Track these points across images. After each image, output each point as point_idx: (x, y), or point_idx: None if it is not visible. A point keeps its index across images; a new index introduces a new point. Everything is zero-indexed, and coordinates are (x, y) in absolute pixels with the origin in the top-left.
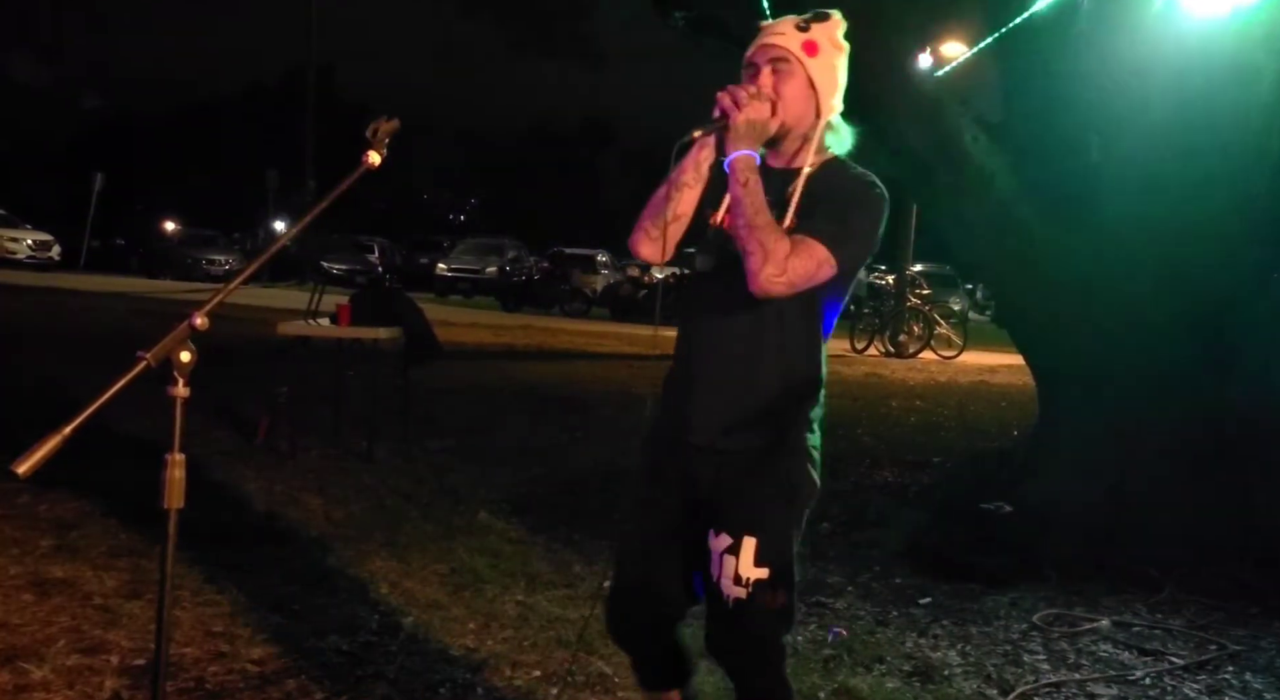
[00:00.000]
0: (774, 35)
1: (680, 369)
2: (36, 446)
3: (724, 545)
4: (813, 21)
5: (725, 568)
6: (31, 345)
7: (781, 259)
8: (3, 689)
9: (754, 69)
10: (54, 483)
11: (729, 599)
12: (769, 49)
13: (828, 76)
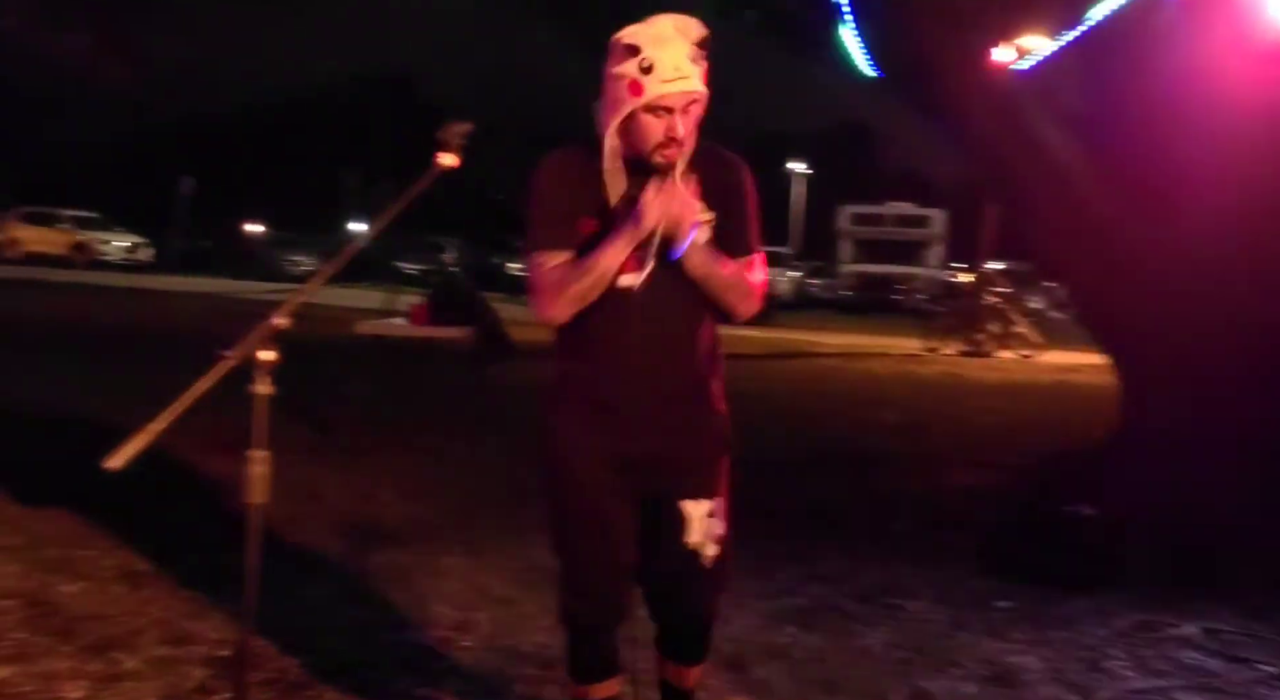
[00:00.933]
0: (684, 80)
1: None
2: (128, 442)
3: (704, 510)
4: (703, 49)
5: (710, 530)
6: (122, 344)
7: (757, 289)
8: (96, 678)
9: (667, 113)
10: (143, 477)
11: (708, 559)
12: (685, 96)
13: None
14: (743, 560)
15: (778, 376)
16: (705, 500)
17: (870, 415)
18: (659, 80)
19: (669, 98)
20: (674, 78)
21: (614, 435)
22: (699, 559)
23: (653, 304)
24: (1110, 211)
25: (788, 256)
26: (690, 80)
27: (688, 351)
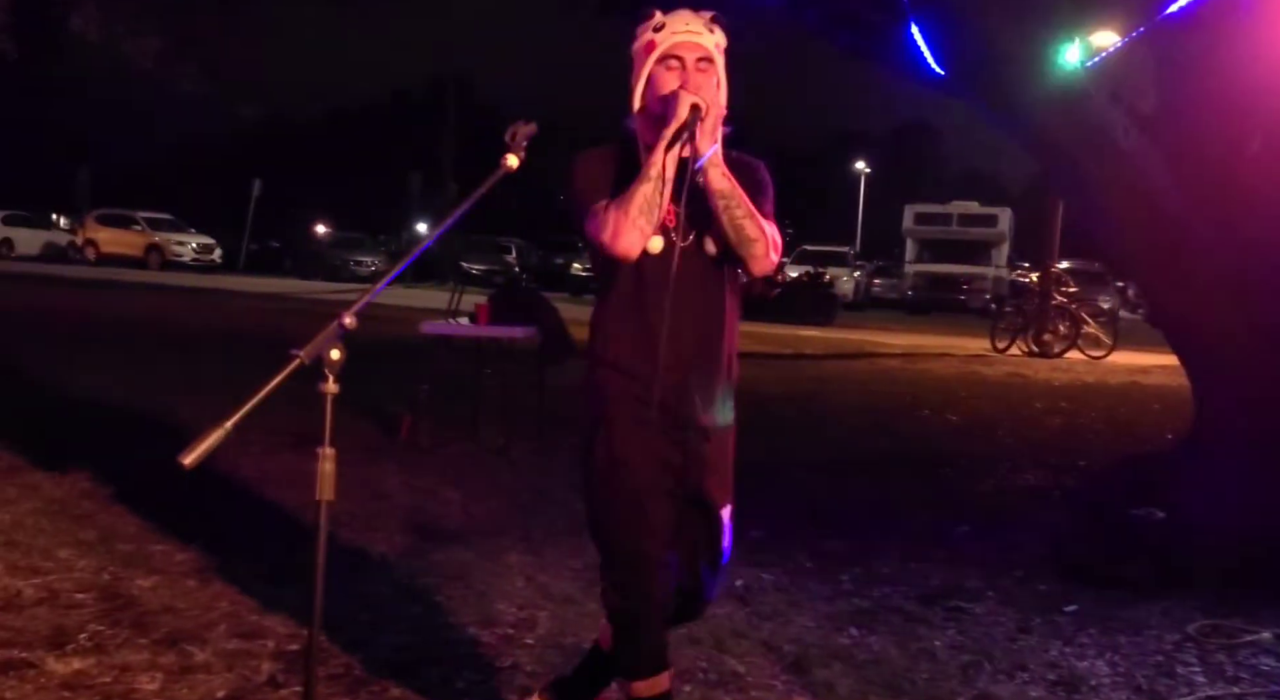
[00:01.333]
0: (694, 35)
1: (643, 352)
2: (200, 439)
3: (729, 514)
4: (716, 24)
5: (730, 534)
6: (194, 343)
7: (776, 240)
8: (169, 670)
9: (679, 62)
10: (214, 474)
11: (728, 559)
12: (695, 48)
13: (723, 74)
14: (803, 561)
15: (840, 377)
16: (729, 505)
17: (934, 416)
18: (670, 33)
19: (680, 47)
20: (684, 30)
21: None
22: (724, 559)
23: (683, 280)
24: (1181, 209)
25: (851, 256)
26: (701, 36)
27: (719, 356)
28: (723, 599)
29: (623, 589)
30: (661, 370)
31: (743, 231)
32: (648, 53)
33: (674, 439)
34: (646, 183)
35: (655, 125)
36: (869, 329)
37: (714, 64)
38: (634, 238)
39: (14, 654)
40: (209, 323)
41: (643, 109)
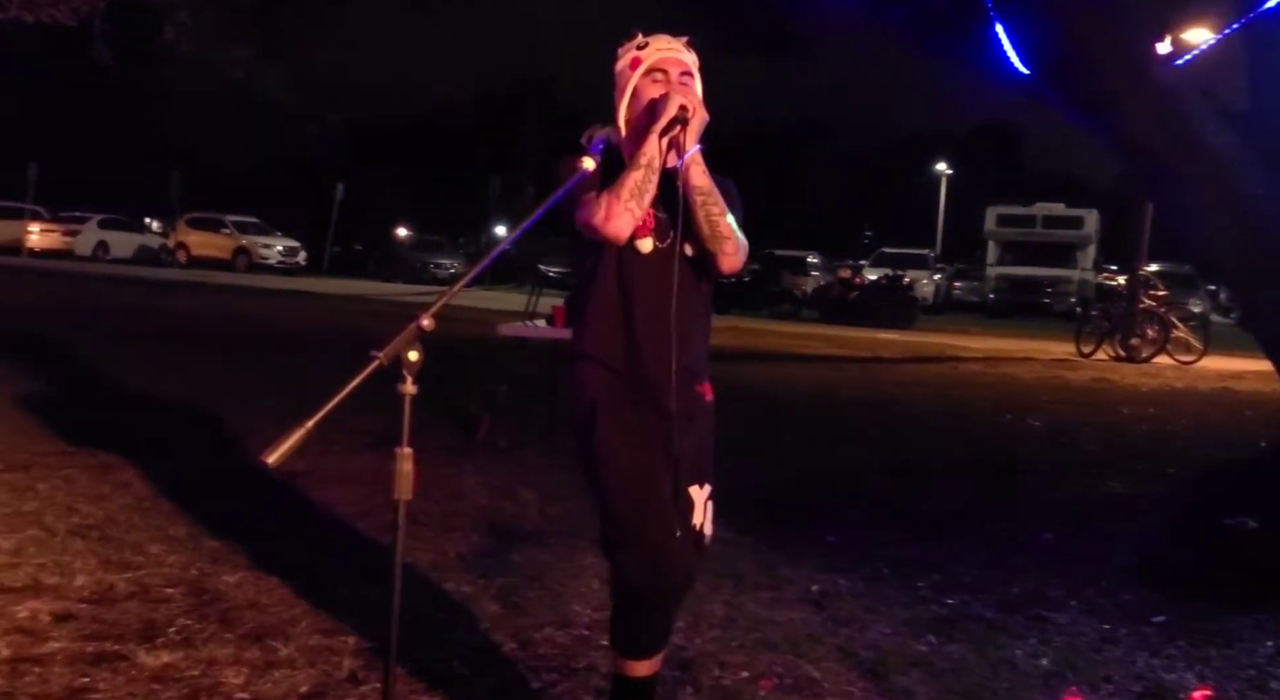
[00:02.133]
0: (676, 52)
1: (630, 348)
2: (284, 438)
3: (707, 494)
4: (690, 47)
5: (710, 513)
6: (280, 344)
7: (745, 243)
8: (253, 664)
9: (664, 75)
10: (297, 472)
11: (707, 538)
12: (678, 63)
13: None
14: (880, 567)
15: (919, 381)
16: (707, 485)
17: (1016, 422)
18: (654, 49)
19: (665, 61)
20: (667, 48)
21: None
22: (702, 539)
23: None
24: (1273, 210)
25: (931, 259)
26: (682, 53)
27: (691, 329)
28: (798, 603)
29: (654, 568)
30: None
31: (718, 228)
32: (633, 68)
33: (660, 424)
34: (637, 170)
35: (640, 135)
36: (949, 333)
37: (694, 79)
38: (625, 220)
39: (107, 646)
40: (293, 324)
41: (628, 122)
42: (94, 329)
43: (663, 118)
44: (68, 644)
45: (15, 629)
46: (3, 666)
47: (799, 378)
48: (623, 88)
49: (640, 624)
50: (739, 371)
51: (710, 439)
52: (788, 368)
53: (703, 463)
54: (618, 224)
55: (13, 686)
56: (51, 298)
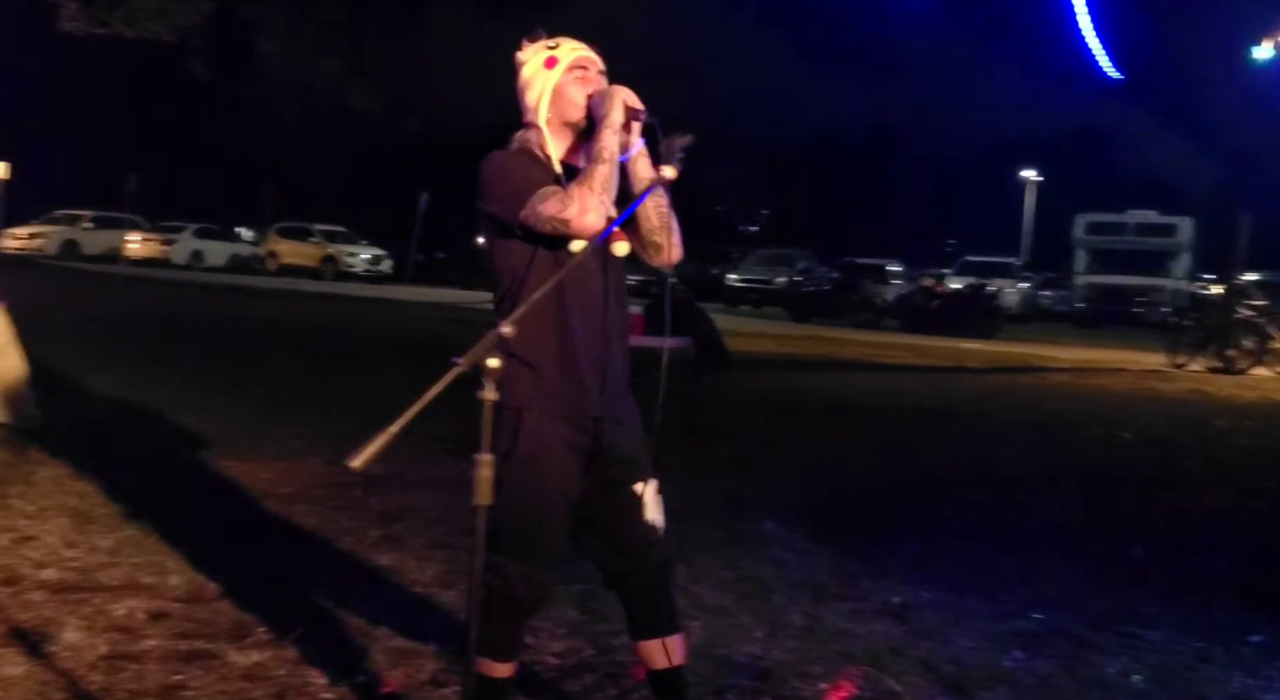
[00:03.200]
0: (589, 51)
1: (561, 348)
2: (368, 443)
3: (654, 489)
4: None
5: (661, 507)
6: (364, 351)
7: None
8: (339, 665)
9: (584, 72)
10: (381, 477)
11: (660, 529)
12: (593, 61)
13: None
14: (963, 579)
15: (1004, 392)
16: (653, 480)
17: (1106, 434)
18: (569, 49)
19: (583, 59)
20: (580, 47)
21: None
22: (654, 532)
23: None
24: None
25: (1017, 267)
26: (593, 53)
27: (623, 346)
28: (879, 615)
29: (528, 579)
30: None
31: (665, 219)
32: (549, 67)
33: (586, 428)
34: (603, 164)
35: (572, 130)
36: (1036, 342)
37: (603, 74)
38: (598, 215)
39: (199, 645)
40: (377, 331)
41: (551, 120)
42: (187, 336)
43: (613, 111)
44: (162, 642)
45: (113, 626)
46: (101, 663)
47: (880, 387)
48: (539, 87)
49: (497, 626)
50: (818, 381)
51: (639, 433)
52: (868, 377)
53: (642, 460)
54: (591, 218)
55: (110, 682)
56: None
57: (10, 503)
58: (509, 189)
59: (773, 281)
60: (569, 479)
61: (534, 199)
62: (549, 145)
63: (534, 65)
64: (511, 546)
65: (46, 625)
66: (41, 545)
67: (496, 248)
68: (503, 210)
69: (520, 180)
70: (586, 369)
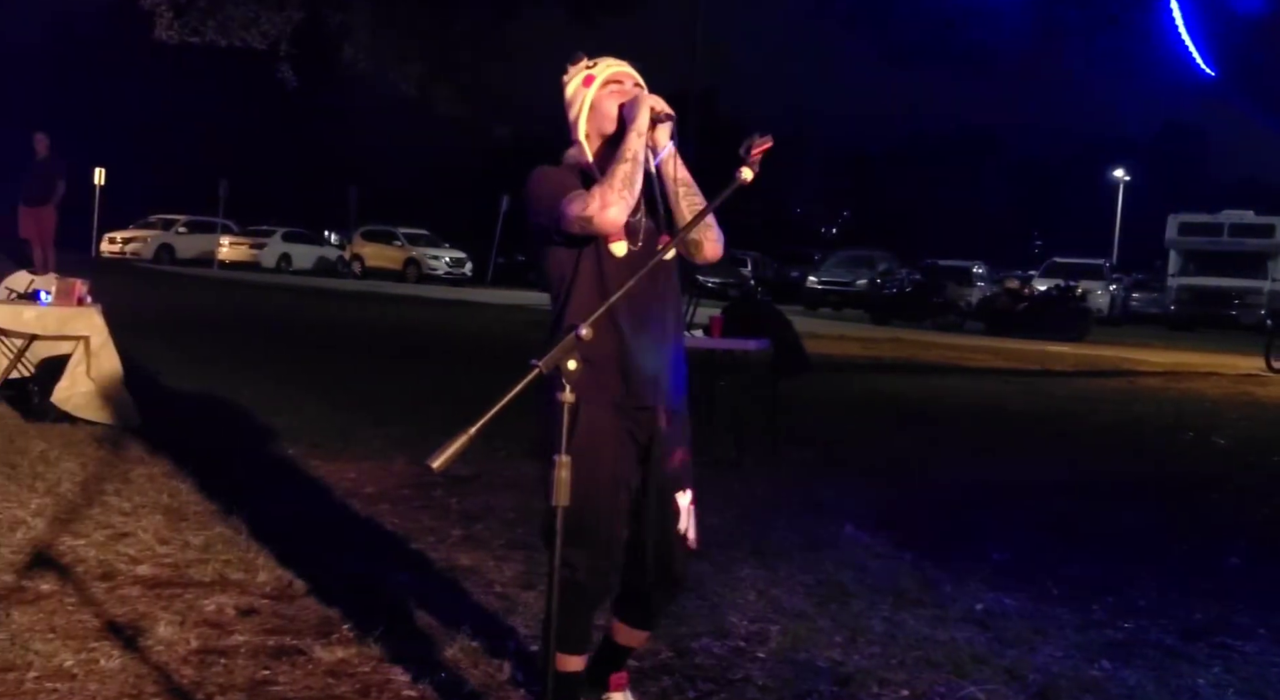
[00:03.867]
0: (625, 66)
1: (613, 344)
2: (448, 444)
3: (689, 499)
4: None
5: (695, 519)
6: (445, 352)
7: (718, 234)
8: (421, 663)
9: (619, 85)
10: (462, 478)
11: (691, 543)
12: (629, 75)
13: None
14: (1050, 587)
15: (1093, 395)
16: (689, 490)
17: (1199, 439)
18: (605, 66)
19: (619, 74)
20: (616, 63)
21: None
22: (685, 544)
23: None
24: None
25: (1107, 268)
26: (629, 68)
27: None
28: (962, 622)
29: (591, 568)
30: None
31: (694, 233)
32: (587, 85)
33: (640, 418)
34: (624, 163)
35: (609, 143)
36: (1126, 345)
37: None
38: (620, 209)
39: (286, 641)
40: (458, 333)
41: (590, 134)
42: (275, 338)
43: (639, 116)
44: (250, 637)
45: (204, 622)
46: (192, 657)
47: (964, 390)
48: (580, 104)
49: (570, 619)
50: (901, 384)
51: (690, 444)
52: (952, 380)
53: (686, 469)
54: (613, 213)
55: (201, 677)
56: (239, 308)
57: (108, 500)
58: (544, 198)
59: (853, 283)
60: (627, 466)
61: (563, 202)
62: (589, 157)
63: (574, 85)
64: (574, 535)
65: (141, 619)
66: (136, 541)
67: (545, 256)
68: (542, 218)
69: (554, 188)
70: (637, 362)
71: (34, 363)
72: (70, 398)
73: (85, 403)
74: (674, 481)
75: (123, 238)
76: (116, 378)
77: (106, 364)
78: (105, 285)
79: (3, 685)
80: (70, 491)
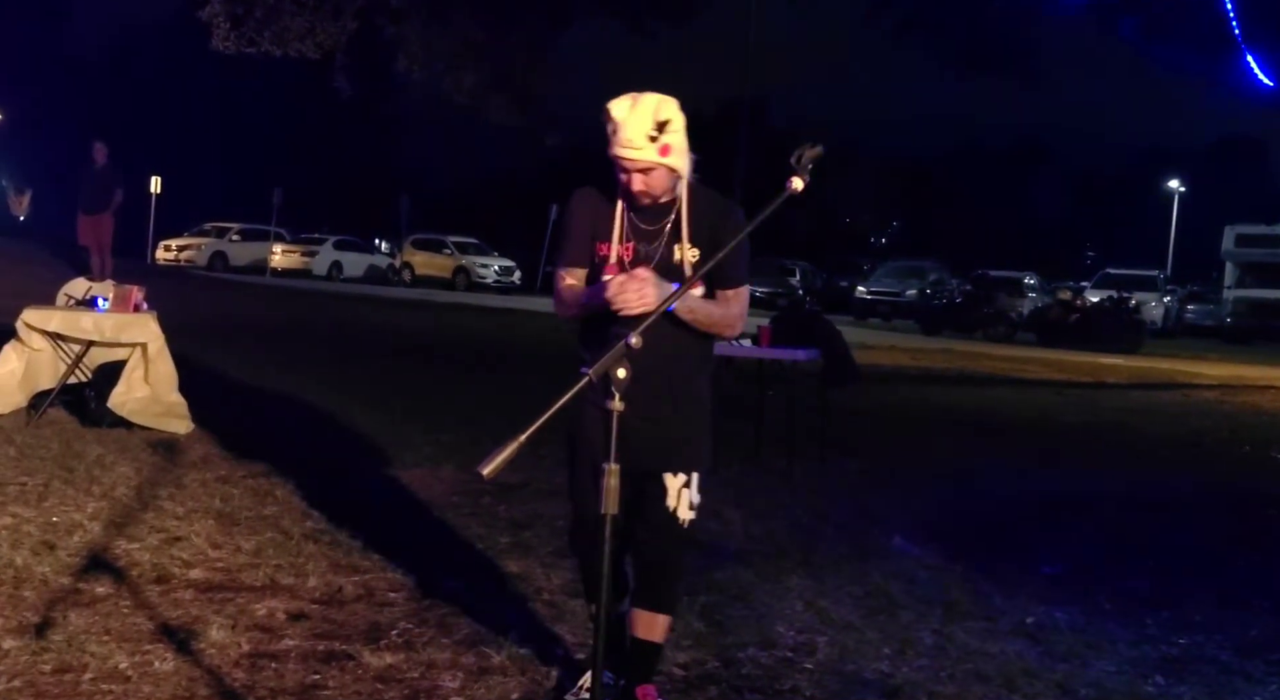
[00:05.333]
0: (631, 150)
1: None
2: (497, 451)
3: (682, 482)
4: (662, 130)
5: (685, 499)
6: (495, 360)
7: (735, 320)
8: (469, 670)
9: (626, 173)
10: (512, 485)
11: (680, 521)
12: (633, 163)
13: (679, 157)
14: (1102, 601)
15: (1147, 408)
16: (682, 473)
17: (1257, 453)
18: (617, 144)
19: (622, 160)
20: (626, 147)
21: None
22: (676, 520)
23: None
24: None
25: (1161, 280)
26: (640, 151)
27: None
28: (1012, 635)
29: (573, 516)
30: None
31: (710, 331)
32: (609, 147)
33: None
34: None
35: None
36: (1181, 358)
37: (654, 167)
38: (570, 319)
39: (335, 646)
40: (507, 341)
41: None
42: (327, 345)
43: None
44: (300, 642)
45: (255, 626)
46: (244, 661)
47: (1016, 402)
48: None
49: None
50: (952, 395)
51: (689, 429)
52: (1004, 391)
53: (673, 451)
54: (562, 318)
55: (252, 680)
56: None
57: (161, 505)
58: (558, 237)
59: (903, 293)
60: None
61: (559, 264)
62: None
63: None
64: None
65: (193, 623)
66: (189, 546)
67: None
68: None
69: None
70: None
71: (91, 368)
72: (126, 403)
73: (141, 408)
74: (663, 465)
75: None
76: (171, 384)
77: (162, 370)
78: (160, 292)
79: (60, 686)
80: (125, 496)
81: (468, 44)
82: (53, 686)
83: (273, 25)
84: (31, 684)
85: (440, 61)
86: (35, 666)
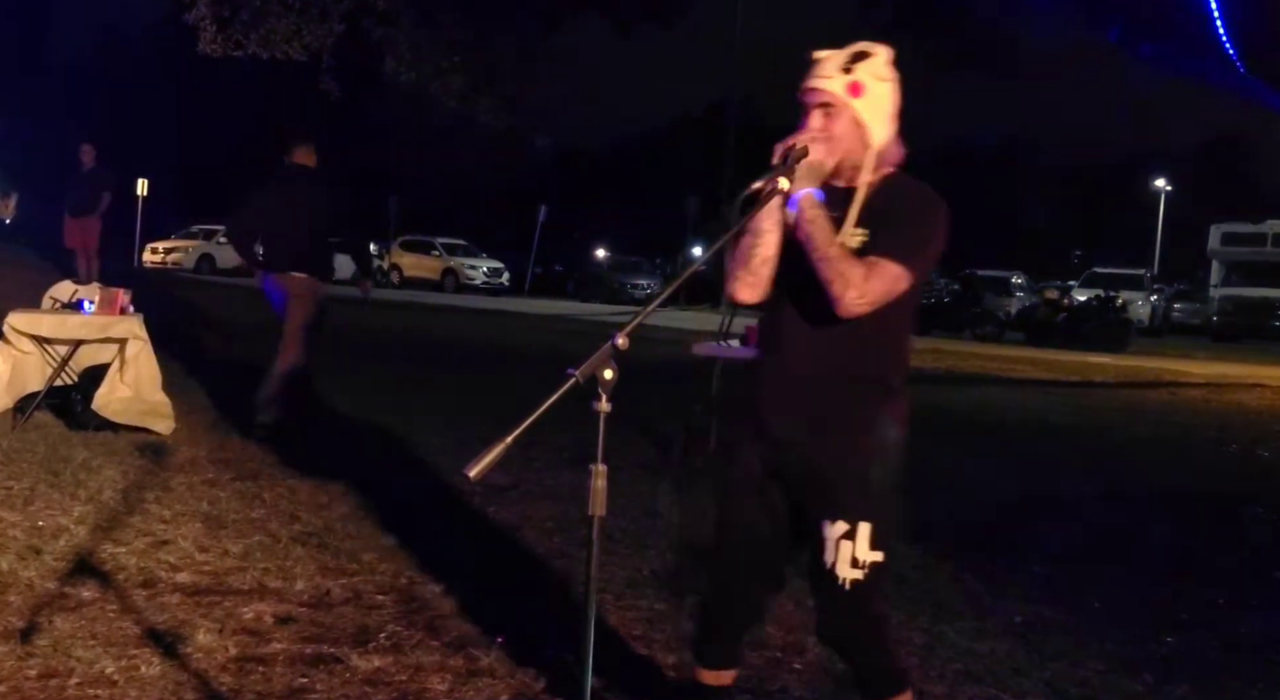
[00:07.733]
0: (819, 79)
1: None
2: (485, 453)
3: (842, 533)
4: (856, 62)
5: (843, 553)
6: (482, 362)
7: (860, 282)
8: (457, 672)
9: (805, 109)
10: (501, 487)
11: (841, 581)
12: (816, 93)
13: (874, 110)
14: (1091, 600)
15: (1135, 407)
16: (843, 522)
17: (1243, 452)
18: (805, 79)
19: (804, 91)
20: (813, 77)
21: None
22: (837, 581)
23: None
24: None
25: (1148, 279)
26: (827, 81)
27: (837, 360)
28: (1002, 635)
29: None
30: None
31: (820, 274)
32: None
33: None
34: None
35: None
36: (1167, 357)
37: (839, 105)
38: (733, 286)
39: (323, 649)
40: (495, 343)
41: None
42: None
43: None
44: (288, 645)
45: (242, 629)
46: (231, 665)
47: (1004, 401)
48: None
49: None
50: (941, 394)
51: (865, 467)
52: (992, 391)
53: (839, 495)
54: (730, 292)
55: (240, 684)
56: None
57: (148, 508)
58: None
59: None
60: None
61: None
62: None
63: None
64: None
65: (180, 627)
66: (176, 549)
67: None
68: None
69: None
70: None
71: (77, 371)
72: (109, 404)
73: (124, 408)
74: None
75: (164, 248)
76: (155, 383)
77: (145, 370)
78: (147, 295)
79: (45, 692)
80: (111, 499)
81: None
82: (38, 692)
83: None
84: (17, 689)
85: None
86: (21, 672)
